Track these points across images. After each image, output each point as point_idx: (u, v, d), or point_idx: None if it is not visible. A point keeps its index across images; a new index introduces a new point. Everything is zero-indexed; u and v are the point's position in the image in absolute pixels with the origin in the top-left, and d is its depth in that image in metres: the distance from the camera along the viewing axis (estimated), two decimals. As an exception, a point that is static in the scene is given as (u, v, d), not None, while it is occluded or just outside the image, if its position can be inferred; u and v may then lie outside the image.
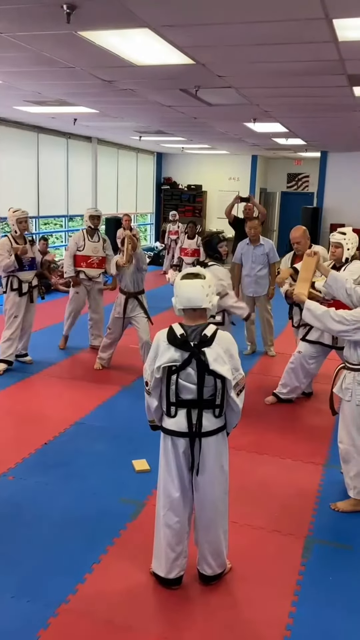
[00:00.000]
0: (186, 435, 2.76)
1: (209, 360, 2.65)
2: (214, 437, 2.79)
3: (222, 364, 2.68)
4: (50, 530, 3.40)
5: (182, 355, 2.68)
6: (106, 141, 13.50)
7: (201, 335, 2.69)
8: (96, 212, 6.96)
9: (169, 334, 2.73)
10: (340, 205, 13.37)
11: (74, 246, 6.83)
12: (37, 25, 4.18)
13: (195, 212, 16.09)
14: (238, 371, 2.76)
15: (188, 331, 2.72)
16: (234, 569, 3.08)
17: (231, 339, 2.78)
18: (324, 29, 4.00)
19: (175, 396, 2.74)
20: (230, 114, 8.16)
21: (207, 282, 2.72)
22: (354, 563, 3.20)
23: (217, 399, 2.74)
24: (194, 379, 2.69)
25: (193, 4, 3.64)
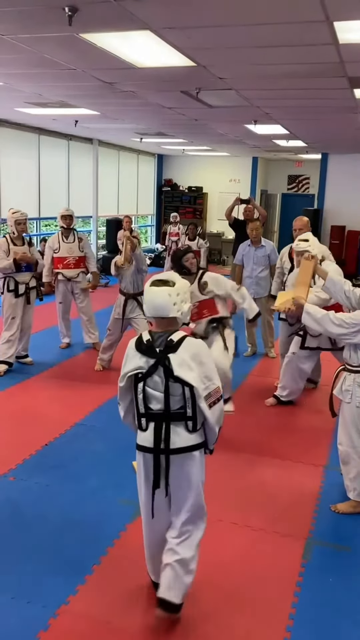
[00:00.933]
0: (151, 451, 2.56)
1: (173, 366, 2.48)
2: (185, 456, 2.55)
3: (187, 370, 2.49)
4: (50, 531, 3.40)
5: (147, 362, 2.53)
6: (107, 143, 13.51)
7: (167, 341, 2.54)
8: (67, 211, 6.95)
9: (137, 340, 2.61)
10: (341, 207, 13.38)
11: (49, 250, 6.85)
12: (39, 27, 4.19)
13: (196, 213, 16.11)
14: (211, 381, 2.55)
15: (155, 337, 2.57)
16: (234, 570, 3.09)
17: (202, 346, 2.61)
18: (325, 31, 4.01)
19: (145, 407, 2.57)
20: (231, 116, 8.17)
21: (176, 289, 2.53)
22: (354, 565, 3.20)
23: (188, 410, 2.53)
24: (161, 388, 2.53)
25: (194, 6, 3.65)
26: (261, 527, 3.51)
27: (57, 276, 6.84)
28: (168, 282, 2.55)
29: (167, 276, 2.61)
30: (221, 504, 3.74)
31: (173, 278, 2.59)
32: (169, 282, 2.55)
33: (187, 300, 2.60)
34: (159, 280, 2.56)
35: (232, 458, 4.42)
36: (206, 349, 2.63)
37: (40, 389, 5.84)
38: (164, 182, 16.60)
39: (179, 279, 2.60)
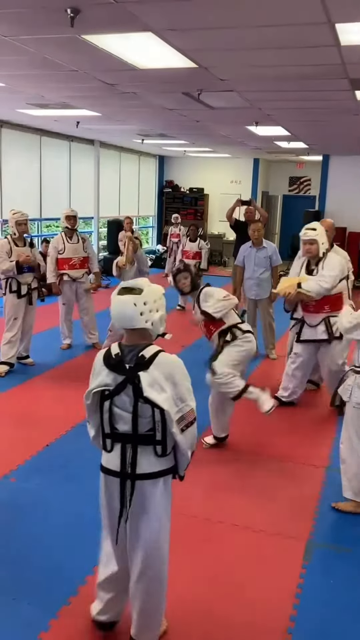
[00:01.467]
0: (117, 475, 2.35)
1: (143, 386, 2.25)
2: (152, 482, 2.34)
3: (159, 391, 2.26)
4: (52, 532, 3.40)
5: (115, 379, 2.31)
6: (108, 144, 13.53)
7: (138, 357, 2.30)
8: (72, 212, 6.98)
9: (105, 353, 2.38)
10: (342, 209, 13.37)
11: (54, 251, 6.86)
12: (41, 29, 4.20)
13: (197, 215, 16.11)
14: (184, 402, 2.32)
15: (125, 351, 2.34)
16: (235, 571, 3.08)
17: (177, 364, 2.35)
18: (327, 33, 4.02)
19: (110, 427, 2.35)
20: (233, 118, 8.18)
21: (144, 298, 2.29)
22: (355, 566, 3.20)
23: (157, 433, 2.29)
24: (129, 408, 2.30)
25: (196, 8, 3.66)
26: (262, 528, 3.50)
27: (63, 277, 6.85)
28: (134, 289, 2.32)
29: (135, 283, 2.38)
30: (222, 505, 3.74)
31: (141, 285, 2.35)
32: (135, 289, 2.32)
33: (160, 309, 2.36)
34: (125, 288, 2.34)
35: (233, 459, 4.42)
36: (182, 367, 2.37)
37: (41, 389, 5.84)
38: (165, 184, 16.61)
39: (147, 285, 2.36)
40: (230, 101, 6.76)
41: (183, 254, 9.64)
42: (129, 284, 2.39)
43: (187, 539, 3.36)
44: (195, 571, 3.09)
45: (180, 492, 3.71)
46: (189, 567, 3.11)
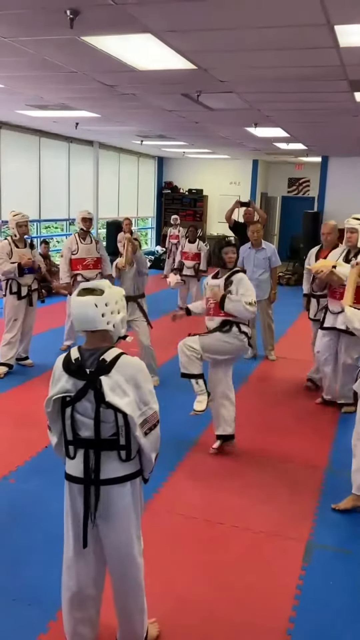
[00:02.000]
0: (81, 482, 2.29)
1: (105, 391, 2.19)
2: (119, 487, 2.29)
3: (121, 395, 2.20)
4: (51, 533, 3.39)
5: (75, 385, 2.25)
6: (108, 145, 13.54)
7: (99, 361, 2.24)
8: (88, 214, 7.00)
9: (65, 358, 2.31)
10: (341, 210, 13.32)
11: (67, 251, 6.86)
12: (40, 30, 4.20)
13: (196, 216, 16.12)
14: (147, 405, 2.27)
15: (85, 356, 2.27)
16: (234, 573, 3.08)
17: (139, 366, 2.29)
18: (326, 34, 4.02)
19: (73, 433, 2.29)
20: (232, 119, 8.19)
21: (105, 299, 2.24)
22: (354, 568, 3.20)
23: (121, 438, 2.25)
24: (91, 414, 2.24)
25: (196, 10, 3.66)
26: (262, 529, 3.50)
27: (76, 277, 6.86)
28: (95, 290, 2.27)
29: (96, 284, 2.32)
30: (221, 506, 3.74)
31: (102, 286, 2.30)
32: (96, 290, 2.27)
33: (121, 311, 2.32)
34: (85, 289, 2.29)
35: (232, 460, 4.42)
36: (143, 370, 2.31)
37: (40, 390, 5.80)
38: (165, 185, 16.62)
39: (109, 286, 2.32)
40: (229, 102, 6.77)
41: (182, 255, 9.62)
42: (90, 285, 2.34)
43: (187, 540, 3.36)
44: (195, 572, 3.09)
45: (180, 494, 3.72)
46: (188, 568, 3.11)
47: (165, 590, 2.92)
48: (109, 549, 2.36)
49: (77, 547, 2.36)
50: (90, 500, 2.28)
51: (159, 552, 3.15)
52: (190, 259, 9.47)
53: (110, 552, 2.36)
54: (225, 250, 4.44)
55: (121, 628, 2.48)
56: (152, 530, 3.02)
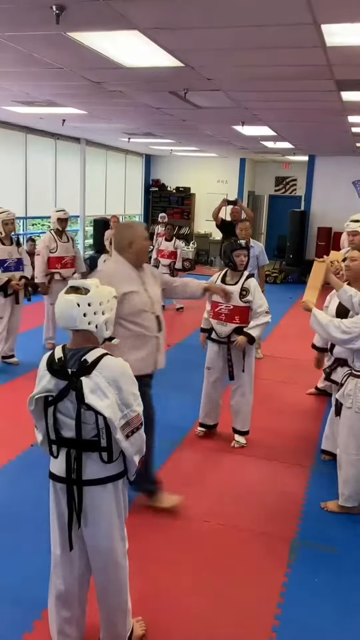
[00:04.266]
0: (64, 481, 2.30)
1: (85, 392, 2.17)
2: (101, 488, 2.28)
3: (101, 397, 2.17)
4: (37, 531, 3.37)
5: (57, 385, 2.23)
6: (95, 142, 13.48)
7: (80, 361, 2.22)
8: (64, 214, 7.00)
9: (48, 357, 2.30)
10: (328, 209, 13.47)
11: (45, 250, 6.83)
12: (26, 25, 4.16)
13: (184, 214, 16.12)
14: (130, 408, 2.23)
15: (68, 355, 2.25)
16: (220, 571, 3.09)
17: (122, 369, 2.25)
18: (313, 34, 4.03)
19: (55, 432, 2.29)
20: (219, 117, 8.19)
21: (89, 298, 2.21)
22: (339, 565, 3.22)
23: (102, 440, 2.23)
24: (73, 414, 2.23)
25: (183, 7, 3.65)
26: (248, 527, 3.51)
27: (53, 276, 6.82)
28: (80, 289, 2.24)
29: (82, 283, 2.27)
30: (208, 505, 3.75)
31: (88, 285, 2.26)
32: (81, 289, 2.24)
33: (106, 312, 2.28)
34: (72, 287, 2.26)
35: (219, 458, 4.43)
36: (126, 372, 2.27)
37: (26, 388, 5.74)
38: (152, 183, 16.59)
39: (95, 286, 2.27)
40: (216, 101, 6.77)
41: (158, 253, 9.54)
42: (77, 283, 2.30)
43: (172, 538, 3.36)
44: (179, 571, 3.09)
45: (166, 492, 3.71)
46: (173, 566, 3.11)
47: (149, 589, 2.92)
48: (91, 550, 2.36)
49: (63, 546, 2.37)
50: (72, 500, 2.28)
51: (144, 551, 3.15)
52: (166, 257, 9.42)
53: (92, 553, 2.37)
54: (237, 253, 4.39)
55: (104, 628, 2.49)
56: (137, 528, 3.01)
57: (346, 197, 13.18)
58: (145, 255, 3.45)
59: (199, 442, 4.67)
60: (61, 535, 2.36)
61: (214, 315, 4.51)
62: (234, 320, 4.39)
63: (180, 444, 4.59)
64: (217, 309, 4.46)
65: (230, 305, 4.38)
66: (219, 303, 4.42)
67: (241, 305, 4.39)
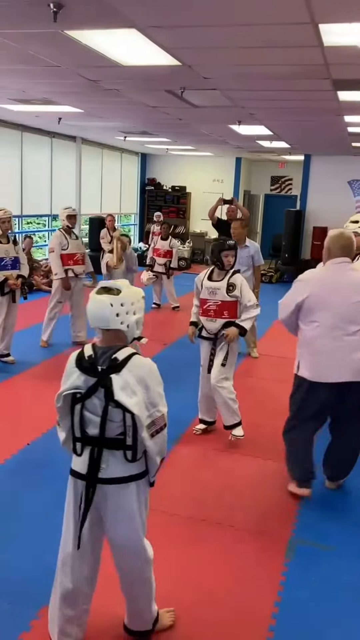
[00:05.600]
0: (85, 479, 2.32)
1: (114, 389, 2.21)
2: (123, 487, 2.30)
3: (130, 395, 2.21)
4: (34, 530, 3.37)
5: (86, 382, 2.27)
6: (90, 141, 13.45)
7: (111, 359, 2.26)
8: (73, 211, 7.02)
9: (78, 355, 2.34)
10: (323, 208, 13.49)
11: (58, 246, 6.84)
12: (23, 23, 4.15)
13: (179, 213, 16.10)
14: (156, 407, 2.28)
15: (98, 353, 2.30)
16: (218, 570, 3.09)
17: (150, 368, 2.30)
18: (310, 33, 4.03)
19: (81, 430, 2.32)
20: (215, 116, 8.19)
21: (121, 299, 2.27)
22: (336, 563, 3.23)
23: (128, 438, 2.25)
24: (99, 411, 2.26)
25: (180, 6, 3.65)
26: (245, 526, 3.52)
27: (67, 273, 6.85)
28: (112, 290, 2.30)
29: (114, 284, 2.34)
30: (205, 504, 3.75)
31: (119, 286, 2.32)
32: (113, 290, 2.30)
33: (137, 312, 2.33)
34: (103, 288, 2.32)
35: (216, 457, 4.43)
36: (154, 372, 2.32)
37: (22, 387, 5.79)
38: (148, 181, 16.56)
39: (127, 287, 2.34)
40: (213, 100, 6.76)
41: (154, 252, 9.54)
42: (109, 284, 2.35)
43: (169, 537, 3.36)
44: (177, 569, 3.09)
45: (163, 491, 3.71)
46: (171, 565, 3.11)
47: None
48: (116, 547, 2.40)
49: (75, 544, 2.39)
50: (92, 498, 2.30)
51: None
52: (162, 256, 9.41)
53: (117, 551, 2.41)
54: (226, 254, 4.48)
55: (130, 614, 2.55)
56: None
57: (342, 196, 13.21)
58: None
59: (196, 440, 4.67)
60: (76, 533, 2.38)
61: (202, 313, 4.56)
62: (223, 315, 4.47)
63: (178, 442, 4.59)
64: (206, 306, 4.52)
65: (218, 300, 4.46)
66: (207, 300, 4.49)
67: (229, 299, 4.47)
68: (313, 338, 3.55)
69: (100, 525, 2.39)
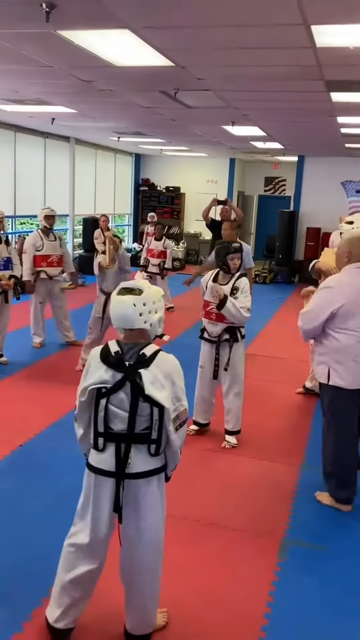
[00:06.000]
0: (112, 475, 2.36)
1: (144, 384, 2.27)
2: (147, 481, 2.37)
3: (159, 389, 2.28)
4: (25, 533, 3.36)
5: (114, 376, 2.31)
6: (84, 141, 13.43)
7: (139, 355, 2.32)
8: (52, 211, 6.97)
9: (102, 350, 2.38)
10: (317, 209, 13.53)
11: (31, 248, 6.80)
12: (16, 23, 4.14)
13: (174, 214, 16.10)
14: (180, 402, 2.36)
15: (124, 349, 2.35)
16: (211, 570, 3.09)
17: (175, 364, 2.39)
18: (303, 34, 4.04)
19: (105, 426, 2.34)
20: (209, 117, 8.20)
21: (143, 299, 2.32)
22: (328, 564, 3.23)
23: (153, 432, 2.31)
24: (126, 406, 2.30)
25: (173, 7, 3.65)
26: (238, 526, 3.52)
27: (39, 275, 6.79)
28: (134, 290, 2.35)
29: (134, 284, 2.40)
30: (198, 504, 3.75)
31: (140, 286, 2.38)
32: (135, 290, 2.35)
33: (159, 310, 2.39)
34: (125, 289, 2.37)
35: (210, 457, 4.43)
36: (179, 368, 2.40)
37: (15, 388, 5.77)
38: (142, 182, 16.56)
39: (147, 287, 2.39)
40: (206, 100, 6.77)
41: (148, 252, 9.53)
42: (129, 284, 2.40)
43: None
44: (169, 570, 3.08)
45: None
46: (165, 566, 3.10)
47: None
48: (136, 541, 2.42)
49: (93, 534, 2.42)
50: (125, 493, 2.35)
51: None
52: (155, 257, 9.41)
53: (136, 544, 2.42)
54: (231, 257, 4.43)
55: (135, 615, 2.53)
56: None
57: (335, 197, 13.25)
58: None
59: (190, 441, 4.65)
60: (94, 526, 2.41)
61: (205, 315, 4.54)
62: (225, 320, 4.41)
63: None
64: (208, 308, 4.49)
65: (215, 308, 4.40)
66: (210, 302, 4.45)
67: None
68: (350, 345, 3.51)
69: (115, 519, 2.42)
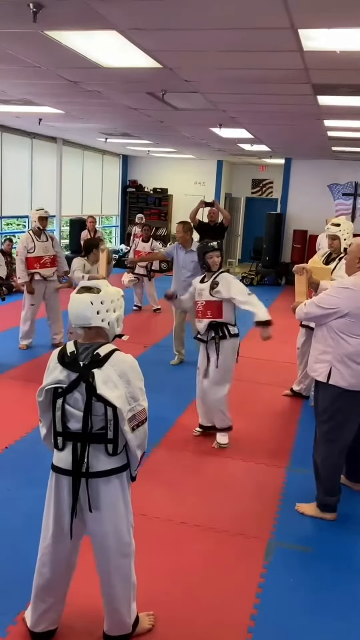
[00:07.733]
0: (69, 474, 2.37)
1: (97, 383, 2.27)
2: (106, 480, 2.36)
3: (112, 388, 2.28)
4: (11, 536, 3.34)
5: (69, 376, 2.33)
6: (71, 142, 13.39)
7: (93, 355, 2.33)
8: (46, 213, 6.94)
9: (60, 351, 2.40)
10: (303, 212, 13.60)
11: (23, 250, 6.75)
12: (2, 22, 4.11)
13: (161, 215, 16.11)
14: (137, 402, 2.35)
15: (80, 349, 2.36)
16: (197, 572, 3.09)
17: (132, 363, 2.38)
18: (290, 38, 4.06)
19: (62, 425, 2.36)
20: (197, 119, 8.21)
21: (101, 297, 2.34)
22: (314, 565, 3.25)
23: (109, 432, 2.31)
24: (81, 406, 2.31)
25: (162, 9, 3.65)
26: (224, 528, 3.52)
27: (33, 276, 6.75)
28: (93, 289, 2.38)
29: (94, 283, 2.42)
30: (185, 506, 3.75)
31: (99, 285, 2.40)
32: (93, 289, 2.38)
33: (117, 309, 2.40)
34: (84, 287, 2.39)
35: (196, 460, 4.43)
36: (136, 367, 2.39)
37: (2, 390, 5.73)
38: (129, 183, 16.55)
39: (106, 286, 2.41)
40: (194, 102, 6.78)
41: (135, 254, 9.51)
42: (88, 283, 2.43)
43: (149, 540, 3.34)
44: (156, 572, 3.08)
45: (142, 493, 3.70)
46: (151, 568, 3.10)
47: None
48: (97, 540, 2.42)
49: (56, 535, 2.44)
50: (77, 492, 2.34)
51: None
52: None
53: (99, 543, 2.43)
54: (209, 255, 4.51)
55: (109, 617, 2.52)
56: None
57: (322, 200, 13.33)
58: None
59: (176, 443, 4.66)
60: (56, 525, 2.43)
61: (196, 314, 4.61)
62: (207, 315, 4.47)
63: (158, 444, 4.58)
64: (197, 307, 4.58)
65: (204, 301, 4.49)
66: (197, 301, 4.56)
67: (212, 299, 4.45)
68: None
69: (81, 518, 2.42)
